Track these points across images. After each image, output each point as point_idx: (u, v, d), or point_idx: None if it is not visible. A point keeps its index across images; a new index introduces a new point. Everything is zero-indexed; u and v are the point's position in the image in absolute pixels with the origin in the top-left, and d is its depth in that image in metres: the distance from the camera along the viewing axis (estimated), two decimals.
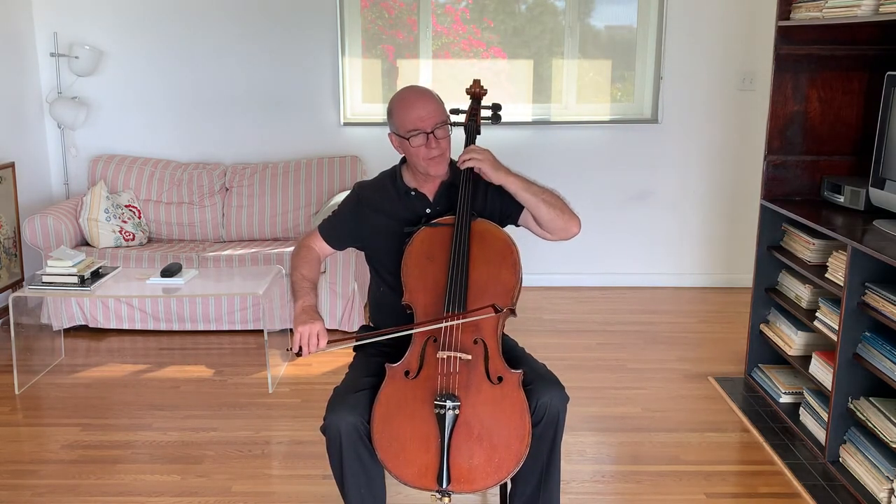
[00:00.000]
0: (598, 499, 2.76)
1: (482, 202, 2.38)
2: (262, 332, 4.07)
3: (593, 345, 4.16)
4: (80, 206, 4.45)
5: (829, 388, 2.88)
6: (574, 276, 5.10)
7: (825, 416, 2.95)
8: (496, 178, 2.28)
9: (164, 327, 4.30)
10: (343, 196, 3.08)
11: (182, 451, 3.10)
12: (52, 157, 5.00)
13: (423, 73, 4.97)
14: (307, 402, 3.50)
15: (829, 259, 2.98)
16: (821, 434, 2.99)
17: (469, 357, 2.12)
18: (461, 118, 2.48)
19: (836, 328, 2.83)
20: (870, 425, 2.70)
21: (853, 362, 2.79)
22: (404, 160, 2.43)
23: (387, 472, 2.11)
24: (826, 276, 2.96)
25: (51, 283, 3.56)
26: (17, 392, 3.61)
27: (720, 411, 3.40)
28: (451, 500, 2.07)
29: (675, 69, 4.85)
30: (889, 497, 2.58)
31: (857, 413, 2.78)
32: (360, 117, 5.00)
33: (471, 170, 2.32)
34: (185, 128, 4.95)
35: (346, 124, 4.95)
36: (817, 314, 3.05)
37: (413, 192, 2.40)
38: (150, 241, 4.69)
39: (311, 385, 3.68)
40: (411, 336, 2.21)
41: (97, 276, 3.65)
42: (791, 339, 3.27)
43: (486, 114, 2.50)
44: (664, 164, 4.97)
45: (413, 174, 2.40)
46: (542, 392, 2.13)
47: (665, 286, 5.08)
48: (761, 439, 3.14)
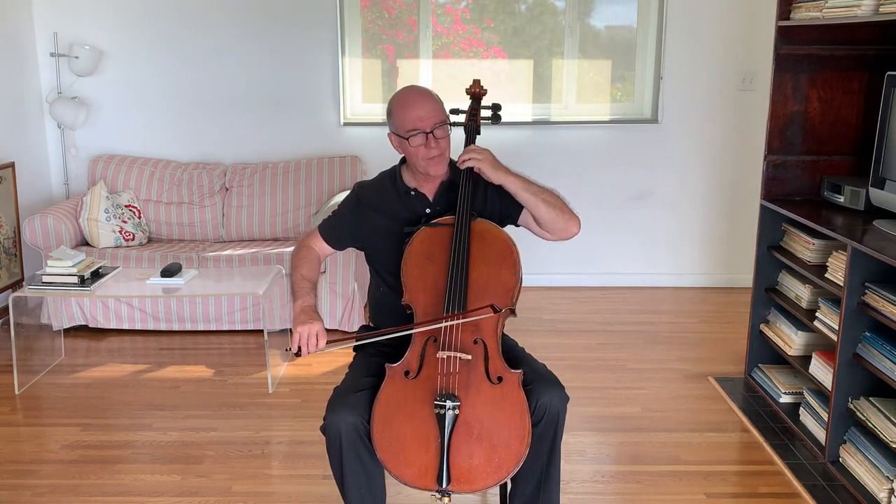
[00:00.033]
0: (598, 499, 2.76)
1: (482, 202, 2.38)
2: (262, 332, 4.07)
3: (593, 345, 4.16)
4: (80, 206, 4.45)
5: (829, 388, 2.88)
6: (574, 276, 5.10)
7: (825, 416, 2.95)
8: (496, 177, 2.28)
9: (164, 327, 4.30)
10: (343, 196, 3.08)
11: (182, 451, 3.10)
12: (52, 157, 5.00)
13: (423, 73, 4.97)
14: (307, 402, 3.50)
15: (829, 259, 2.98)
16: (821, 434, 2.99)
17: (469, 357, 2.12)
18: (461, 118, 2.47)
19: (836, 328, 2.83)
20: (870, 425, 2.70)
21: (853, 362, 2.79)
22: (404, 160, 2.43)
23: (387, 472, 2.11)
24: (826, 276, 2.96)
25: (51, 283, 3.56)
26: (17, 392, 3.61)
27: (720, 411, 3.40)
28: (450, 500, 2.07)
29: (675, 69, 4.85)
30: (889, 497, 2.58)
31: (857, 413, 2.78)
32: (360, 117, 5.00)
33: (470, 170, 2.32)
34: (185, 128, 4.96)
35: (346, 124, 4.95)
36: (817, 314, 3.05)
37: (413, 192, 2.40)
38: (150, 241, 4.69)
39: (311, 385, 3.68)
40: (411, 336, 2.21)
41: (97, 276, 3.65)
42: (791, 339, 3.27)
43: (485, 114, 2.50)
44: (664, 164, 4.97)
45: (413, 174, 2.40)
46: (542, 392, 2.13)
47: (665, 286, 5.08)
48: (761, 439, 3.14)
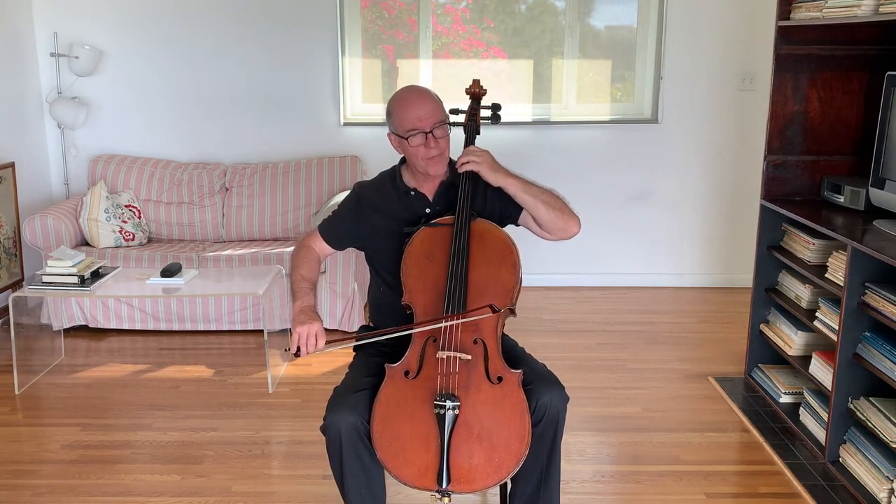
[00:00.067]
0: (598, 499, 2.76)
1: (482, 202, 2.38)
2: (262, 332, 4.07)
3: (593, 345, 4.16)
4: (80, 206, 4.45)
5: (829, 388, 2.88)
6: (574, 276, 5.09)
7: (825, 416, 2.95)
8: (494, 180, 2.28)
9: (164, 327, 4.30)
10: (343, 196, 3.08)
11: (182, 451, 3.10)
12: (52, 157, 5.00)
13: (423, 73, 4.97)
14: (307, 402, 3.50)
15: (829, 259, 2.98)
16: (821, 434, 2.99)
17: (469, 357, 2.12)
18: (461, 118, 2.47)
19: (836, 328, 2.83)
20: (870, 425, 2.70)
21: (853, 362, 2.78)
22: (404, 160, 2.43)
23: (387, 472, 2.11)
24: (826, 276, 2.96)
25: (51, 283, 3.56)
26: (17, 392, 3.61)
27: (720, 411, 3.40)
28: (450, 500, 2.07)
29: (675, 69, 4.84)
30: (889, 497, 2.58)
31: (857, 413, 2.78)
32: (360, 117, 5.00)
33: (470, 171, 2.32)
34: (185, 128, 4.96)
35: (346, 124, 4.95)
36: (817, 314, 3.05)
37: (413, 192, 2.40)
38: (150, 241, 4.69)
39: (311, 385, 3.68)
40: (411, 336, 2.21)
41: (97, 276, 3.65)
42: (791, 339, 3.27)
43: (485, 114, 2.50)
44: (664, 164, 4.97)
45: (413, 174, 2.40)
46: (542, 392, 2.13)
47: (665, 286, 5.08)
48: (761, 439, 3.14)
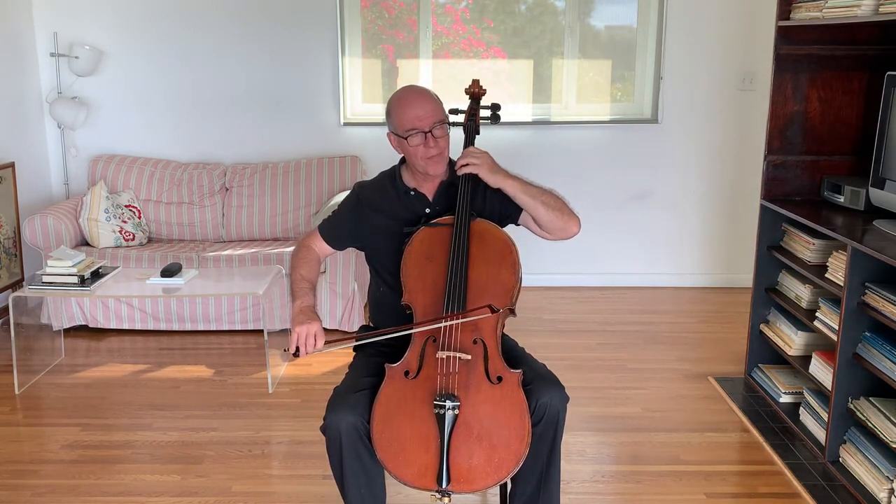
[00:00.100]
0: (598, 499, 2.76)
1: (481, 202, 2.38)
2: (262, 332, 4.07)
3: (593, 345, 4.16)
4: (80, 206, 4.45)
5: (829, 388, 2.88)
6: (574, 276, 5.09)
7: (825, 416, 2.95)
8: (494, 181, 2.27)
9: (164, 327, 4.30)
10: (343, 196, 3.08)
11: (182, 451, 3.10)
12: (52, 157, 5.00)
13: (423, 73, 4.97)
14: (307, 402, 3.50)
15: (829, 259, 2.98)
16: (821, 434, 2.98)
17: (468, 357, 2.12)
18: (460, 118, 2.47)
19: (836, 328, 2.83)
20: (870, 425, 2.70)
21: (853, 362, 2.78)
22: (404, 160, 2.43)
23: (387, 472, 2.11)
24: (826, 276, 2.96)
25: (51, 283, 3.56)
26: (17, 392, 3.61)
27: (720, 411, 3.40)
28: (450, 500, 2.07)
29: (675, 69, 4.84)
30: (889, 497, 2.58)
31: (857, 413, 2.78)
32: (360, 117, 5.00)
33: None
34: (185, 128, 4.95)
35: (346, 124, 4.95)
36: (817, 314, 3.05)
37: (412, 192, 2.40)
38: (150, 241, 4.69)
39: (311, 385, 3.68)
40: (411, 336, 2.21)
41: (97, 276, 3.65)
42: (791, 339, 3.27)
43: (485, 114, 2.49)
44: (664, 164, 4.97)
45: (412, 174, 2.40)
46: (542, 392, 2.13)
47: (665, 286, 5.08)
48: (761, 439, 3.14)
